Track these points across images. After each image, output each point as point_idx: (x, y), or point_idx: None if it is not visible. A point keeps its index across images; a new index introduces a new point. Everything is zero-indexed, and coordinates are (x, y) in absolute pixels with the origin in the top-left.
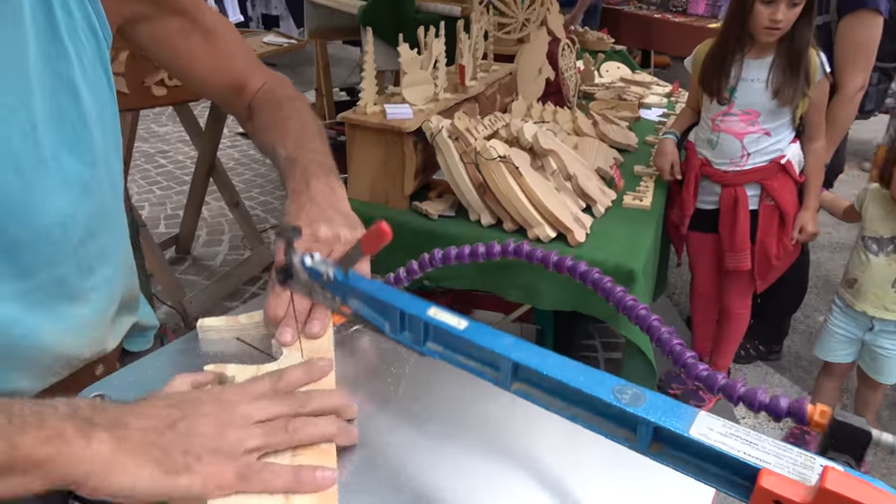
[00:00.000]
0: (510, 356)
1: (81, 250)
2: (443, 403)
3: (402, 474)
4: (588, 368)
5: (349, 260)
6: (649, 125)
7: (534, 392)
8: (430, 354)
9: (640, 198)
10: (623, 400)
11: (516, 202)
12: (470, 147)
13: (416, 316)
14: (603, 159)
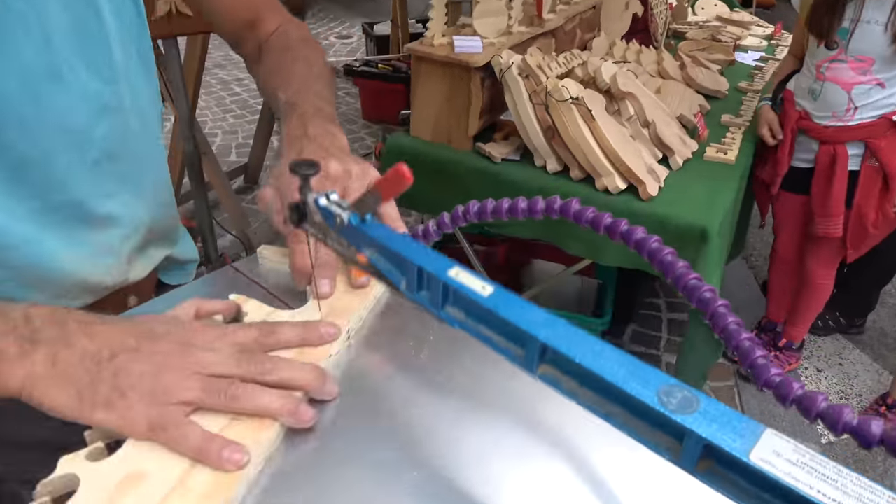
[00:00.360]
0: (538, 335)
1: (98, 172)
2: (467, 377)
3: (421, 448)
4: (632, 360)
5: (366, 204)
6: (744, 70)
7: (563, 380)
8: (449, 321)
9: (724, 150)
10: (669, 405)
11: (586, 148)
12: (540, 86)
13: (434, 275)
14: (687, 106)
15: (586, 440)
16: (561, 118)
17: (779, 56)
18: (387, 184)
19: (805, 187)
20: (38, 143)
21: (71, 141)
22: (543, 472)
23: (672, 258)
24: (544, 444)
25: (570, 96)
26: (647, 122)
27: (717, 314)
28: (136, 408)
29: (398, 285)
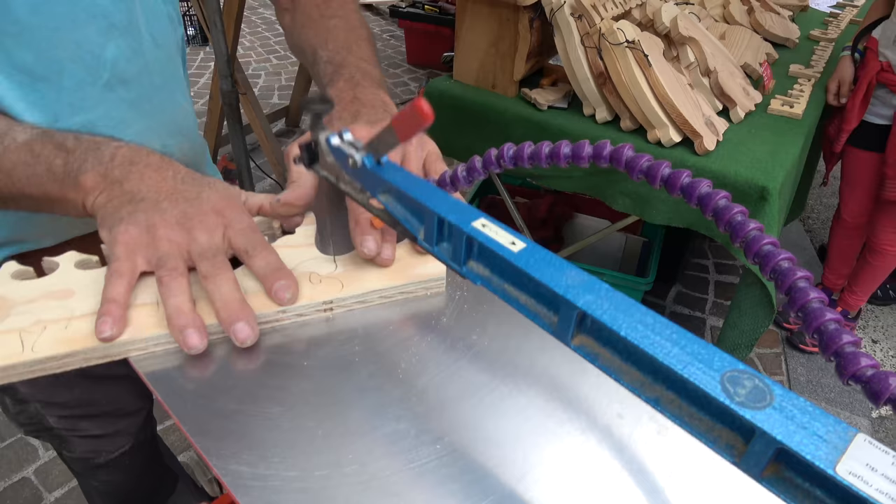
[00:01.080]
0: (576, 301)
1: (110, 96)
2: (500, 342)
3: (440, 420)
4: (690, 336)
5: (381, 144)
6: (818, 17)
7: (602, 354)
8: (471, 278)
9: (790, 104)
10: (736, 397)
11: (639, 97)
12: (594, 28)
13: (456, 226)
14: (752, 54)
15: (624, 419)
16: (614, 63)
17: (857, 3)
18: (404, 121)
19: (879, 145)
20: (46, 56)
21: (81, 59)
22: (573, 452)
23: (742, 218)
24: (576, 421)
25: (625, 40)
26: (708, 70)
27: (797, 288)
28: (119, 238)
29: (415, 234)
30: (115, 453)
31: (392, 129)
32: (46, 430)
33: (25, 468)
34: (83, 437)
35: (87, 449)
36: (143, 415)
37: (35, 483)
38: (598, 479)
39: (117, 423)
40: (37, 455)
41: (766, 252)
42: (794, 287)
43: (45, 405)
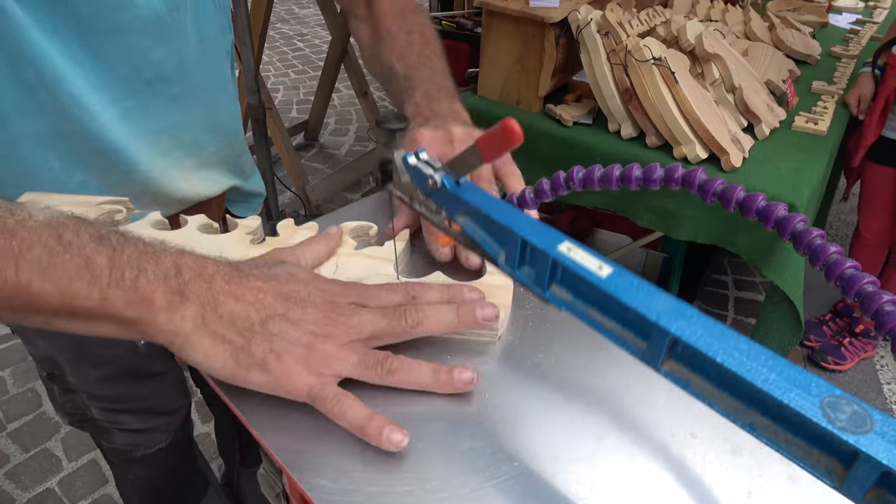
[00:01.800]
0: (668, 327)
1: (149, 91)
2: (566, 360)
3: (511, 439)
4: (785, 363)
5: (462, 165)
6: (838, 34)
7: (694, 380)
8: (555, 302)
9: (815, 120)
10: (838, 422)
11: (665, 113)
12: (620, 45)
13: (541, 250)
14: (775, 71)
15: (697, 438)
16: (640, 80)
17: (877, 19)
18: (491, 142)
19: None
20: (96, 52)
21: (128, 58)
22: (646, 472)
23: (821, 241)
24: (648, 440)
25: (651, 56)
26: (733, 86)
27: (883, 312)
28: (295, 371)
29: (494, 257)
30: (152, 448)
31: (476, 149)
32: (89, 420)
33: (49, 479)
34: (123, 430)
35: (127, 442)
36: (182, 414)
37: (59, 494)
38: (672, 500)
39: (156, 419)
40: (60, 466)
41: (850, 276)
42: (881, 310)
43: (89, 397)
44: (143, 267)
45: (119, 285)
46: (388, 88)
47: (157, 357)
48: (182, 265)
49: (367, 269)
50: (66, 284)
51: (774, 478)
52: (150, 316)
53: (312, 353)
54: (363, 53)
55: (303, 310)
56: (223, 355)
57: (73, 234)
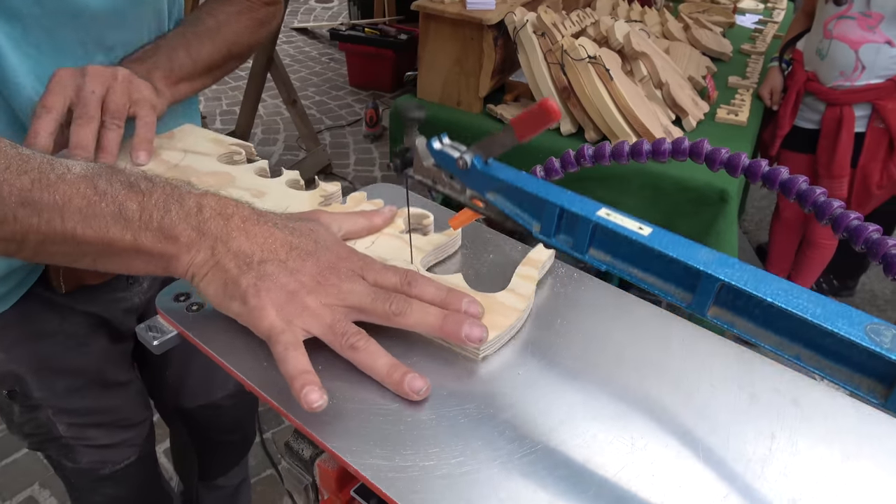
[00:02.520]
0: (716, 274)
1: None
2: (583, 336)
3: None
4: (824, 297)
5: (494, 145)
6: (744, 32)
7: (739, 322)
8: (595, 263)
9: (735, 112)
10: (883, 343)
11: (603, 109)
12: (556, 45)
13: (582, 216)
14: (695, 67)
15: (720, 395)
16: (577, 78)
17: (776, 19)
18: (528, 120)
19: (810, 147)
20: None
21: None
22: (678, 431)
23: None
24: (674, 401)
25: (587, 55)
26: (660, 82)
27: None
28: (266, 309)
29: (528, 227)
30: (121, 464)
31: (511, 129)
32: (54, 439)
33: None
34: (91, 446)
35: (94, 459)
36: (147, 427)
37: None
38: (706, 447)
39: (123, 432)
40: None
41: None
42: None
43: (56, 412)
44: (168, 208)
45: (148, 227)
46: None
47: (121, 364)
48: (204, 205)
49: (394, 251)
50: (104, 230)
51: (793, 419)
52: (174, 250)
53: (292, 300)
54: None
55: (302, 262)
56: (217, 283)
57: (106, 183)
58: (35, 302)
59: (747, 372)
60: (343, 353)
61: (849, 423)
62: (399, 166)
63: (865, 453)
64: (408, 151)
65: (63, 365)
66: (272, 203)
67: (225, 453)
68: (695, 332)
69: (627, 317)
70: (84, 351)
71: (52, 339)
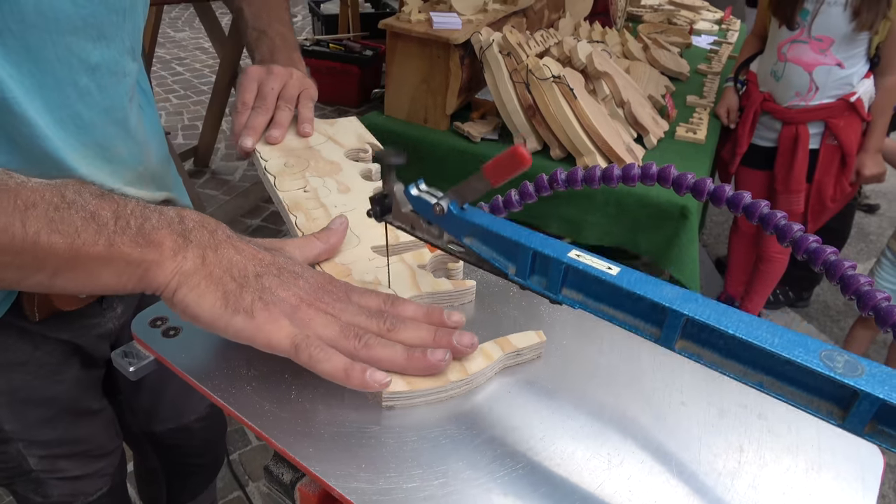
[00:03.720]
0: (680, 310)
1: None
2: (559, 355)
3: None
4: (780, 328)
5: (468, 190)
6: (700, 53)
7: (705, 353)
8: (567, 303)
9: (693, 130)
10: (836, 369)
11: (567, 127)
12: (521, 64)
13: (553, 258)
14: (654, 86)
15: (691, 410)
16: (542, 97)
17: (731, 40)
18: (500, 166)
19: (767, 164)
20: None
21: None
22: (651, 446)
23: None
24: (647, 418)
25: (551, 75)
26: (622, 101)
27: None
28: (280, 321)
29: (504, 270)
30: (93, 496)
31: (481, 176)
32: (24, 474)
33: None
34: (62, 479)
35: (66, 492)
36: (118, 456)
37: None
38: (679, 462)
39: (95, 463)
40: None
41: (865, 292)
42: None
43: (27, 444)
44: (148, 216)
45: (125, 232)
46: (240, 31)
47: (94, 391)
48: (185, 216)
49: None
50: (73, 235)
51: (759, 432)
52: (156, 255)
53: (298, 313)
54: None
55: (294, 279)
56: (213, 295)
57: (74, 193)
58: (6, 331)
59: (716, 388)
60: (359, 356)
61: (810, 434)
62: (378, 213)
63: (826, 463)
64: (386, 198)
65: (35, 395)
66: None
67: (195, 477)
68: (663, 351)
69: (599, 335)
70: (57, 379)
71: (23, 368)
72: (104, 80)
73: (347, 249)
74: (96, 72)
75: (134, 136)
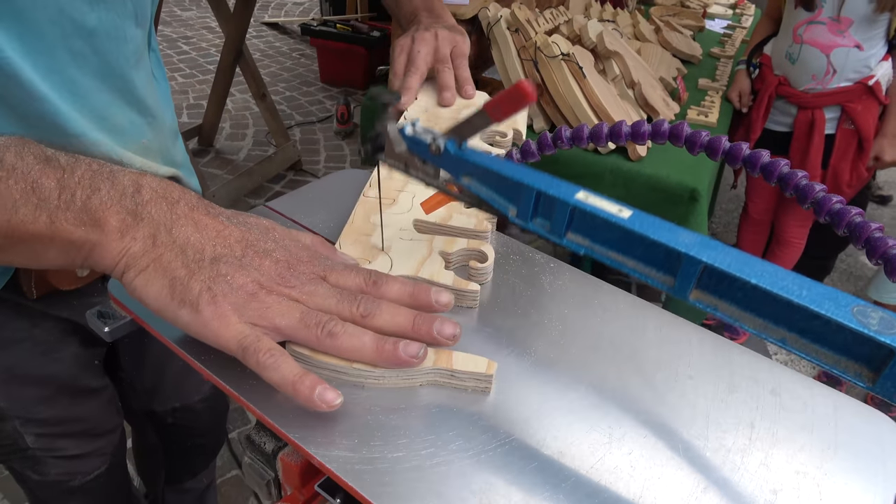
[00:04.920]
0: (698, 256)
1: (77, 64)
2: (558, 325)
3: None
4: (808, 280)
5: (468, 128)
6: (713, 37)
7: (722, 305)
8: (573, 248)
9: (705, 113)
10: (871, 326)
11: (575, 106)
12: (529, 41)
13: (559, 199)
14: (666, 69)
15: (699, 385)
16: (550, 75)
17: (745, 24)
18: (503, 101)
19: (780, 150)
20: (27, 16)
21: (60, 23)
22: (657, 421)
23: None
24: (654, 393)
25: (560, 52)
26: (632, 82)
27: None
28: (227, 316)
29: (504, 212)
30: (90, 475)
31: (484, 113)
32: (20, 451)
33: None
34: (60, 457)
35: (63, 471)
36: (118, 435)
37: None
38: (687, 438)
39: (94, 441)
40: None
41: (830, 205)
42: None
43: (24, 422)
44: (97, 187)
45: (69, 207)
46: (395, 12)
47: (93, 369)
48: (143, 185)
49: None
50: (10, 211)
51: (772, 408)
52: (100, 236)
53: (252, 301)
54: None
55: (260, 260)
56: (159, 283)
57: (15, 157)
58: (2, 307)
59: (725, 361)
60: (322, 346)
61: (827, 411)
62: (370, 151)
63: (843, 442)
64: (379, 136)
65: (32, 373)
66: None
67: (195, 456)
68: (671, 321)
69: (602, 305)
70: (55, 357)
71: (20, 346)
72: (102, 45)
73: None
74: (93, 36)
75: (138, 106)
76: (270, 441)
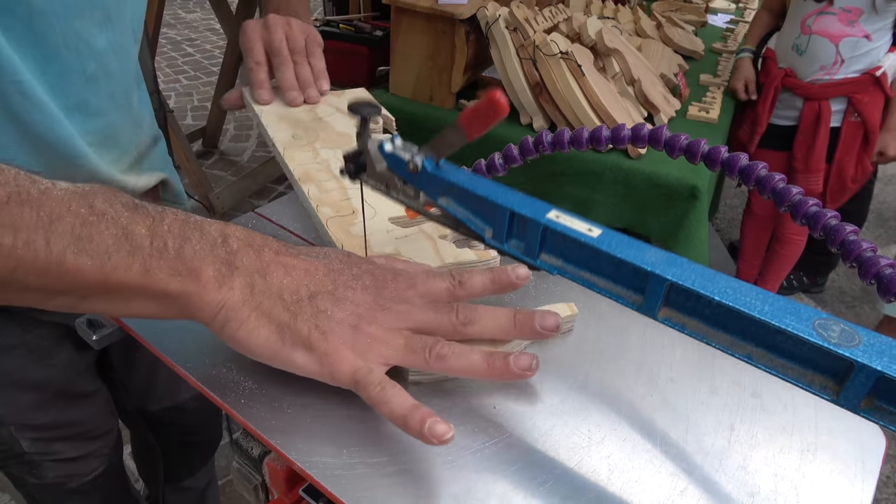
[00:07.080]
0: (663, 274)
1: (91, 87)
2: None
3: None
4: (771, 294)
5: (444, 145)
6: (716, 32)
7: (690, 323)
8: (546, 268)
9: (706, 109)
10: (830, 339)
11: (575, 105)
12: (528, 40)
13: (531, 220)
14: (667, 65)
15: (680, 388)
16: (550, 73)
17: (747, 19)
18: (475, 117)
19: (785, 144)
20: (44, 41)
21: (75, 47)
22: (638, 423)
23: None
24: (634, 395)
25: (559, 51)
26: (632, 79)
27: (848, 241)
28: (341, 352)
29: (481, 234)
30: (88, 476)
31: (459, 127)
32: (16, 456)
33: None
34: (56, 461)
35: (60, 474)
36: (114, 436)
37: None
38: (669, 440)
39: (91, 444)
40: None
41: (814, 214)
42: (845, 241)
43: (19, 428)
44: (188, 236)
45: (162, 255)
46: None
47: (87, 373)
48: (229, 234)
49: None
50: (104, 256)
51: (753, 411)
52: (197, 287)
53: (358, 335)
54: None
55: (352, 290)
56: (266, 330)
57: (105, 203)
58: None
59: (707, 364)
60: (432, 369)
61: (808, 414)
62: (352, 171)
63: (823, 444)
64: (360, 155)
65: (26, 379)
66: None
67: (191, 454)
68: (653, 324)
69: (586, 309)
70: (48, 363)
71: (13, 352)
72: (111, 66)
73: (361, 222)
74: (103, 57)
75: (134, 121)
76: (257, 446)
